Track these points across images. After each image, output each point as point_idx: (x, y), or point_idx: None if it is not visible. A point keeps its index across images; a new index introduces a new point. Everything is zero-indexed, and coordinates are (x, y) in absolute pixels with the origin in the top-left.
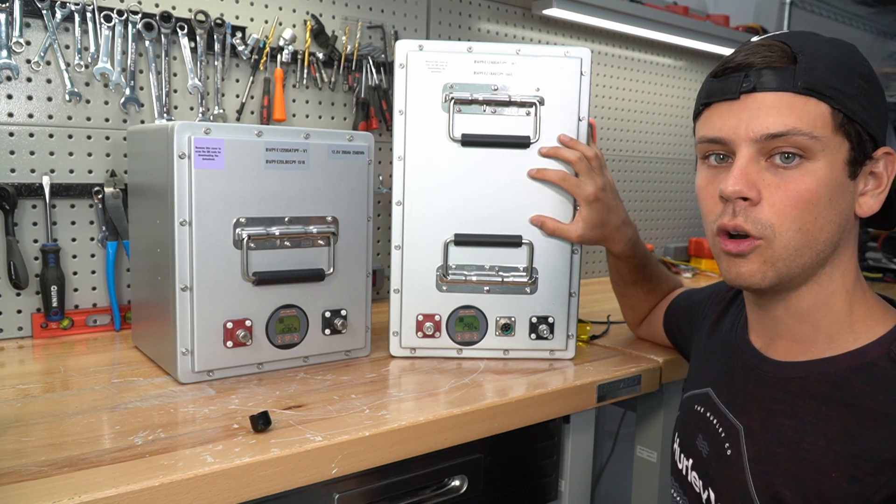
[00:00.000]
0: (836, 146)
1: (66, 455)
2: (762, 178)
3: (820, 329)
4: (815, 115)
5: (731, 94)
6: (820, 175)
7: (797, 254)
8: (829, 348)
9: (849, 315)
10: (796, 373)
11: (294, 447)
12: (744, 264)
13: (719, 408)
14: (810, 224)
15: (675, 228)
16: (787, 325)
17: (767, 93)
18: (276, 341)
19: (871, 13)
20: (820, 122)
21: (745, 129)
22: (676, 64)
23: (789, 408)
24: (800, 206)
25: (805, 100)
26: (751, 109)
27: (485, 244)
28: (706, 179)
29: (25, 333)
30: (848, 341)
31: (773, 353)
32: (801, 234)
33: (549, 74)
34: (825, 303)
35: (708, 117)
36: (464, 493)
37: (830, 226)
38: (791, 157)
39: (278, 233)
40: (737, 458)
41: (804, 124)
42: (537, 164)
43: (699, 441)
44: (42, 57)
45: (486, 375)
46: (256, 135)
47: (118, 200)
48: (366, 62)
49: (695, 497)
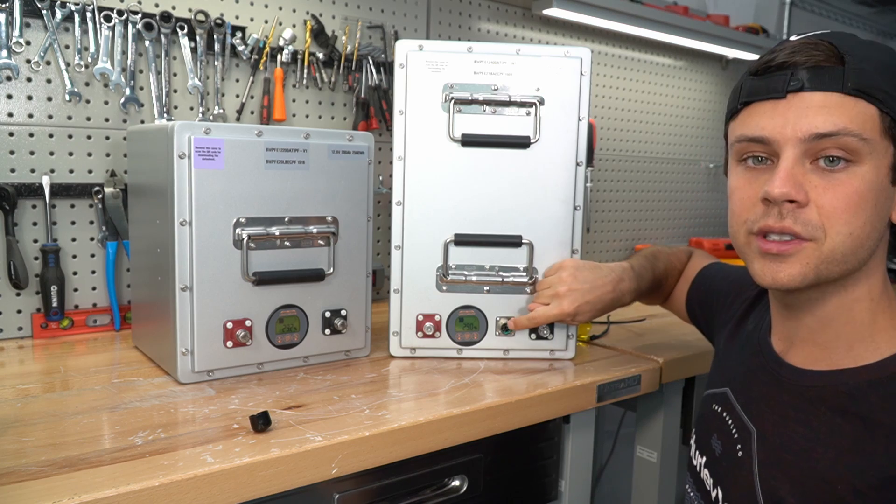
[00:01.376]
0: (883, 150)
1: (66, 455)
2: (808, 180)
3: (841, 336)
4: (865, 117)
5: (776, 92)
6: (867, 178)
7: (844, 259)
8: (847, 357)
9: (871, 324)
10: (814, 381)
11: (294, 447)
12: (783, 268)
13: (735, 408)
14: (860, 229)
15: (676, 228)
16: (810, 328)
17: (815, 92)
18: (276, 341)
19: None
20: (869, 125)
21: (791, 129)
22: (676, 64)
23: (804, 416)
24: (850, 209)
25: (854, 101)
26: (798, 109)
27: (485, 244)
28: (743, 181)
29: (25, 333)
30: (868, 351)
31: (793, 358)
32: (851, 240)
33: (549, 74)
34: (848, 309)
35: (748, 116)
36: (464, 493)
37: (876, 233)
38: (837, 161)
39: (278, 233)
40: (747, 460)
41: (854, 125)
42: (537, 164)
43: (713, 440)
44: (42, 57)
45: (486, 375)
46: (256, 135)
47: (118, 200)
48: (366, 62)
49: (706, 494)
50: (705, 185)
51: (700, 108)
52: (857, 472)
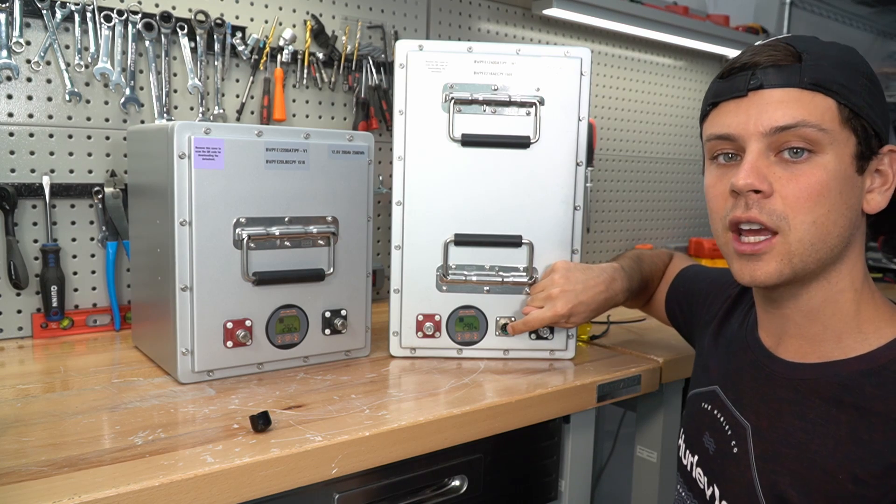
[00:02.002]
0: (844, 140)
1: (66, 455)
2: (772, 171)
3: (828, 328)
4: (823, 109)
5: (738, 91)
6: (829, 168)
7: (812, 248)
8: (836, 348)
9: (856, 315)
10: (807, 374)
11: (294, 447)
12: (759, 266)
13: (727, 405)
14: (824, 217)
15: (675, 228)
16: (797, 323)
17: (775, 89)
18: (276, 341)
19: (871, 13)
20: (828, 116)
21: (753, 124)
22: (676, 64)
23: (799, 408)
24: (812, 198)
25: (812, 95)
26: (759, 105)
27: (485, 244)
28: (715, 178)
29: (25, 333)
30: (856, 342)
31: (783, 352)
32: (815, 228)
33: (549, 74)
34: (833, 301)
35: (716, 116)
36: (464, 493)
37: (842, 220)
38: (800, 152)
39: (278, 233)
40: (743, 455)
41: (812, 117)
42: (537, 164)
43: (706, 438)
44: (42, 57)
45: (486, 375)
46: (256, 135)
47: (118, 200)
48: (366, 62)
49: (699, 493)
50: None
51: (700, 108)
52: (856, 460)
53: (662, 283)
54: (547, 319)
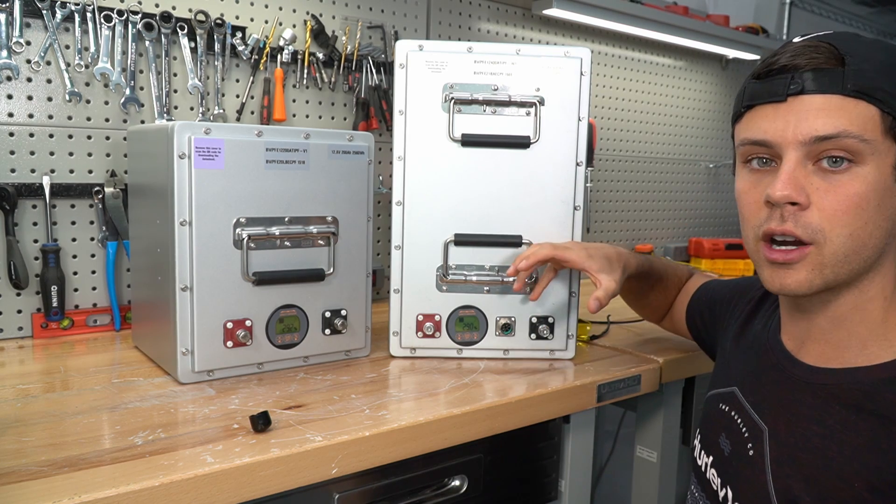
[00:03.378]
0: (885, 150)
1: (66, 455)
2: (810, 182)
3: (854, 334)
4: (866, 118)
5: (777, 96)
6: (869, 179)
7: (846, 260)
8: (860, 355)
9: (884, 322)
10: (828, 379)
11: (294, 447)
12: (790, 275)
13: (745, 407)
14: (860, 230)
15: (675, 228)
16: (822, 328)
17: (816, 95)
18: (276, 341)
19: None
20: (870, 125)
21: (792, 132)
22: (676, 64)
23: (818, 414)
24: (850, 210)
25: (855, 102)
26: (798, 112)
27: (485, 244)
28: (749, 184)
29: (25, 333)
30: (881, 349)
31: (805, 356)
32: (851, 240)
33: (549, 74)
34: (862, 308)
35: (751, 119)
36: (464, 493)
37: (879, 231)
38: (839, 161)
39: (278, 233)
40: (758, 458)
41: (854, 127)
42: (537, 164)
43: (722, 439)
44: (42, 57)
45: (486, 375)
46: (256, 135)
47: (118, 200)
48: (366, 62)
49: (712, 494)
50: (705, 185)
51: (700, 108)
52: (874, 469)
53: (682, 295)
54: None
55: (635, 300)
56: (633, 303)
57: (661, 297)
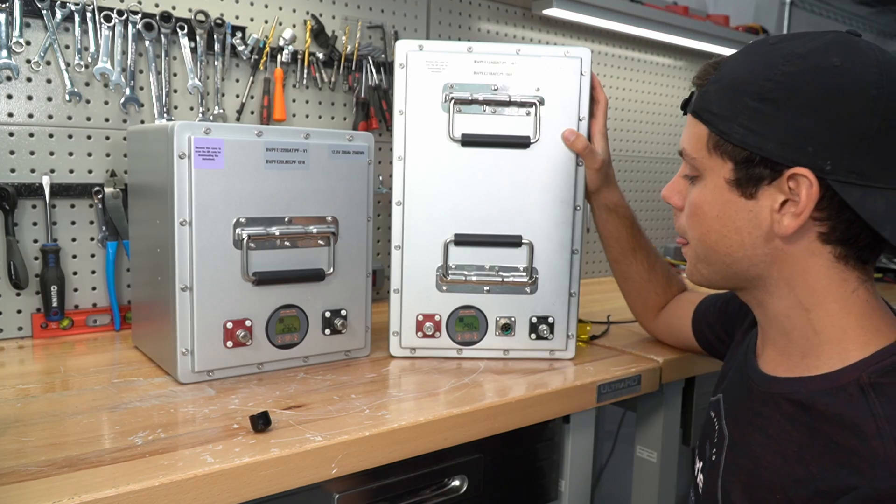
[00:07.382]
0: (716, 166)
1: (66, 455)
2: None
3: (794, 343)
4: (697, 137)
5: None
6: (705, 192)
7: (707, 260)
8: (801, 365)
9: (815, 335)
10: (774, 388)
11: (294, 447)
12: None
13: (721, 415)
14: (705, 236)
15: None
16: (769, 333)
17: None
18: (276, 341)
19: (871, 13)
20: (700, 144)
21: None
22: (676, 64)
23: (764, 422)
24: (693, 217)
25: (695, 122)
26: None
27: (485, 244)
28: None
29: (25, 333)
30: (819, 360)
31: (763, 363)
32: (701, 244)
33: (549, 74)
34: (787, 317)
35: None
36: (464, 493)
37: (727, 241)
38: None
39: (278, 233)
40: (717, 465)
41: (689, 145)
42: (537, 164)
43: (707, 445)
44: (42, 57)
45: (486, 375)
46: (256, 135)
47: (118, 200)
48: (366, 62)
49: (698, 498)
50: None
51: None
52: (794, 482)
53: (685, 304)
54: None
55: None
56: (619, 262)
57: (646, 275)
